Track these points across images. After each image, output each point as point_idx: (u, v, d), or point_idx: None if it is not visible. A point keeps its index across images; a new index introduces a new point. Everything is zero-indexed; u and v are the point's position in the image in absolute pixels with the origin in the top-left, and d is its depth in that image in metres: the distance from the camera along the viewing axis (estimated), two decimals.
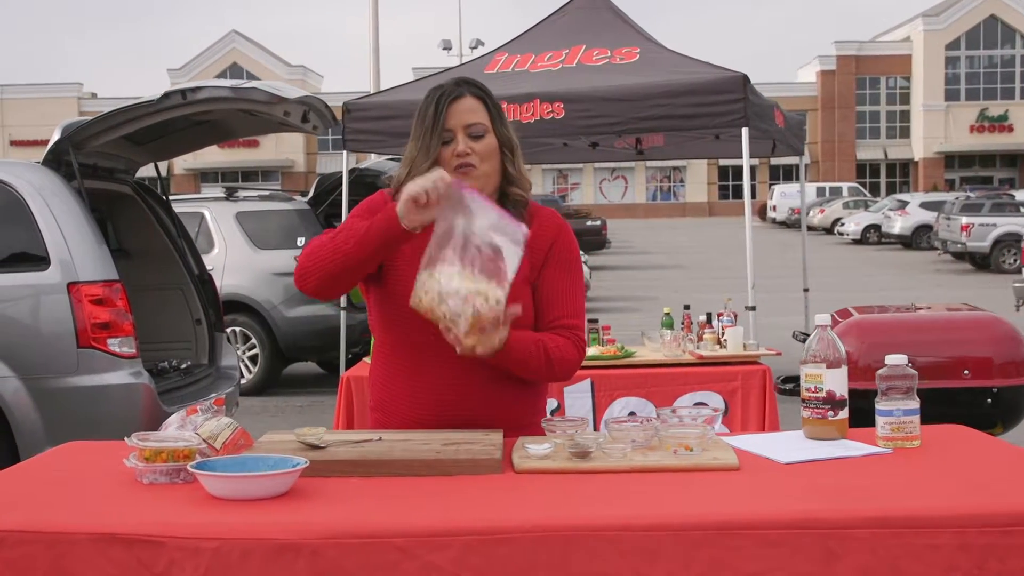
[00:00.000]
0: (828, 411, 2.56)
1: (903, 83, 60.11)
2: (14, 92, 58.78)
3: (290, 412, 9.76)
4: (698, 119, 8.13)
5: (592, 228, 30.64)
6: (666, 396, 5.55)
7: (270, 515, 2.00)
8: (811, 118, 59.60)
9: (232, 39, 60.04)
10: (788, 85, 61.57)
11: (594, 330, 6.16)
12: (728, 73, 8.11)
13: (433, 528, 1.94)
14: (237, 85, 6.08)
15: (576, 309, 2.74)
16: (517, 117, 8.23)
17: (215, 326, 7.32)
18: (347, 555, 1.90)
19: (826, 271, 24.17)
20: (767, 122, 8.70)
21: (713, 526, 1.93)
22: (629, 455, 2.36)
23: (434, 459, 2.32)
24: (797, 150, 10.63)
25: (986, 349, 3.36)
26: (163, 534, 1.92)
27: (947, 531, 1.92)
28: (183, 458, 2.26)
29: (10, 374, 5.74)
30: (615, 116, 8.14)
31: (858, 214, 38.65)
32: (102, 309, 5.80)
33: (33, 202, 5.89)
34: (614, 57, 8.89)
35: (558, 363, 2.66)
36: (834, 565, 1.92)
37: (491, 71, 9.09)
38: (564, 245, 2.76)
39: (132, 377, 5.85)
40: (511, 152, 2.71)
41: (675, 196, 62.57)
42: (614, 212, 53.78)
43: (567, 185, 61.02)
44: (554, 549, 1.92)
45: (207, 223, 10.93)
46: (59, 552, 1.93)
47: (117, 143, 6.41)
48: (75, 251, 5.81)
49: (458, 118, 2.65)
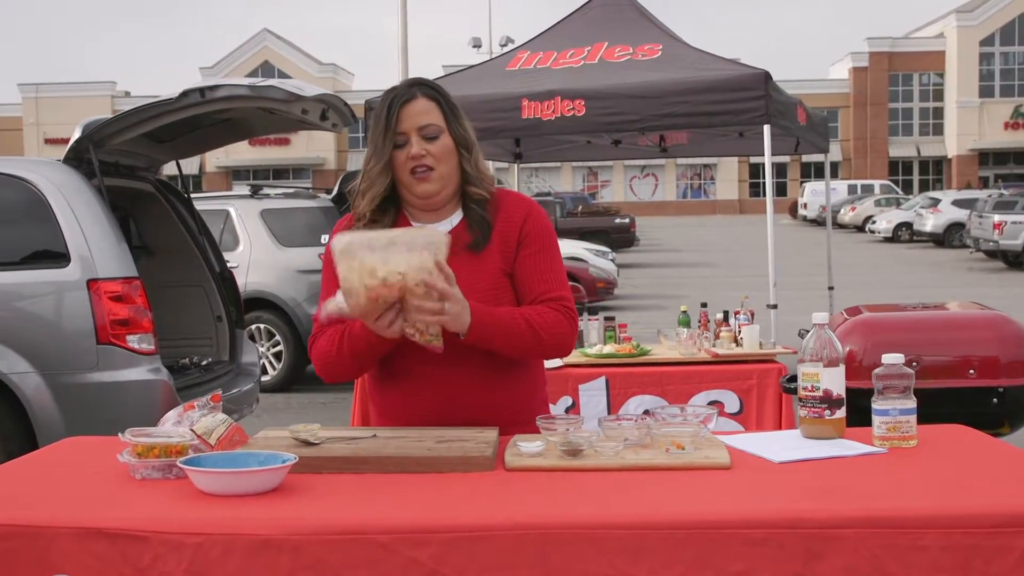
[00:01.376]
0: (825, 410, 2.54)
1: (936, 80, 59.59)
2: (49, 91, 59.43)
3: (313, 409, 9.81)
4: (720, 116, 8.08)
5: (620, 226, 30.58)
6: (681, 394, 5.54)
7: (255, 511, 2.02)
8: (843, 115, 59.24)
9: (264, 37, 60.37)
10: (820, 82, 61.22)
11: (611, 328, 6.16)
12: (750, 70, 8.07)
13: (414, 525, 1.94)
14: (255, 83, 6.11)
15: (558, 282, 2.69)
16: (538, 114, 8.23)
17: (236, 323, 7.36)
18: (329, 551, 1.91)
19: (856, 269, 24.02)
20: (789, 119, 8.64)
21: (696, 525, 1.92)
22: (621, 453, 2.36)
23: (425, 456, 2.33)
24: (822, 148, 10.56)
25: (993, 348, 3.32)
26: (147, 529, 1.94)
27: (932, 531, 1.90)
28: (175, 454, 2.28)
29: (31, 370, 5.80)
30: (636, 113, 8.11)
31: (889, 212, 38.36)
32: (121, 306, 5.85)
33: (54, 200, 5.94)
34: (636, 54, 8.86)
35: (546, 332, 2.60)
36: (817, 565, 1.90)
37: (512, 68, 9.09)
38: (534, 225, 2.72)
39: (151, 373, 5.89)
40: (468, 151, 2.68)
41: (706, 193, 62.34)
42: (644, 210, 53.68)
43: (597, 183, 60.93)
44: (535, 547, 1.92)
45: (232, 221, 11.01)
46: (43, 546, 1.95)
47: (139, 141, 6.46)
48: (95, 248, 5.86)
49: (411, 120, 2.62)
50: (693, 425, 2.45)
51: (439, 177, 2.64)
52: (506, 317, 2.57)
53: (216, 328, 7.35)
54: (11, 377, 5.79)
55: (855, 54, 59.94)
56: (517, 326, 2.57)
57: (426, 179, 2.63)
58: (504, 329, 2.55)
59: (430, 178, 2.63)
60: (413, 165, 2.62)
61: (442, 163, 2.64)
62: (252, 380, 7.19)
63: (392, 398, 2.74)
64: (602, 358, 5.73)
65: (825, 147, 10.71)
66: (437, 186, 2.64)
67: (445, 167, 2.65)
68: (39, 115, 58.20)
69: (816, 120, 10.13)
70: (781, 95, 8.34)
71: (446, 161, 2.65)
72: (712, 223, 50.15)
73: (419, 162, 2.62)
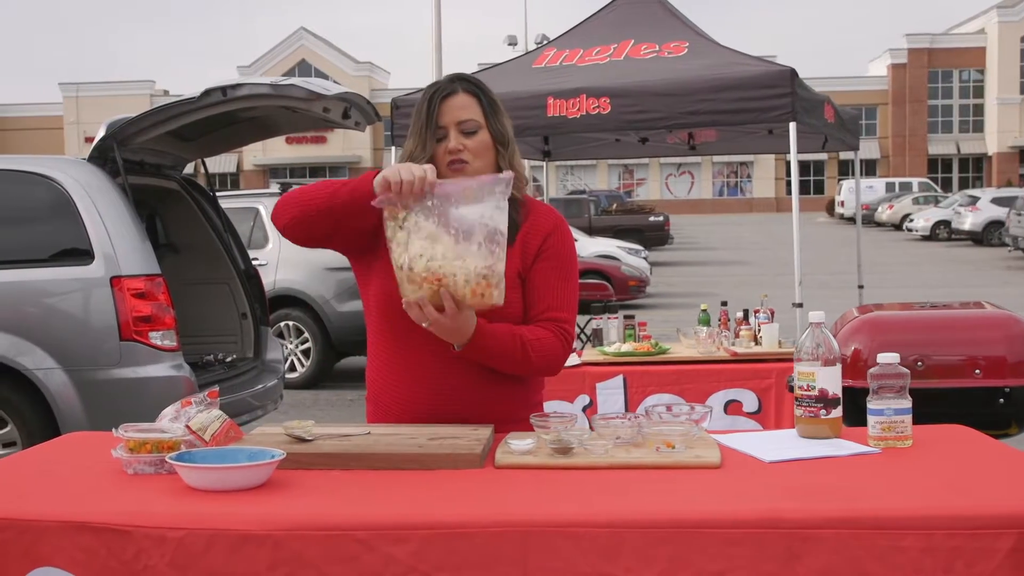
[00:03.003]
0: (820, 409, 2.53)
1: (977, 76, 58.93)
2: (89, 90, 60.07)
3: (340, 405, 9.86)
4: (745, 114, 8.04)
5: (654, 224, 30.51)
6: (699, 393, 5.51)
7: (238, 506, 2.04)
8: (882, 112, 58.75)
9: (301, 36, 60.72)
10: (859, 79, 60.73)
11: (630, 326, 6.14)
12: (775, 67, 8.04)
13: (394, 521, 1.96)
14: (276, 82, 6.15)
15: (564, 302, 2.71)
16: (563, 112, 8.23)
17: (261, 320, 7.42)
18: (308, 547, 1.93)
19: (892, 268, 23.83)
20: (816, 117, 8.58)
21: (673, 524, 1.92)
22: (611, 452, 2.36)
23: (414, 453, 2.34)
24: (851, 145, 10.47)
25: (1000, 348, 3.28)
26: (130, 523, 1.97)
27: (913, 532, 1.89)
28: (167, 449, 2.31)
29: (55, 366, 5.88)
30: (661, 111, 8.09)
31: (927, 210, 37.98)
32: (144, 303, 5.91)
33: (79, 198, 6.02)
34: (662, 51, 8.84)
35: (537, 355, 2.62)
36: (796, 565, 1.89)
37: (539, 65, 9.09)
38: (558, 240, 2.74)
39: (173, 370, 5.95)
40: (504, 147, 2.70)
41: (742, 191, 62.01)
42: (680, 208, 53.50)
43: (632, 180, 60.77)
44: (513, 545, 1.93)
45: (262, 218, 11.09)
46: (32, 539, 1.99)
47: (164, 140, 6.52)
48: (118, 246, 5.93)
49: (451, 115, 2.66)
50: (684, 424, 2.45)
51: (473, 172, 2.65)
52: (503, 338, 2.59)
53: (241, 325, 7.41)
54: (36, 373, 5.88)
55: (894, 51, 59.40)
56: (512, 348, 2.60)
57: (461, 172, 2.65)
58: (499, 350, 2.59)
59: (465, 172, 2.65)
60: (450, 159, 2.65)
61: (478, 158, 2.66)
62: (276, 377, 7.24)
63: (391, 395, 2.75)
64: (620, 356, 5.72)
65: (855, 144, 10.62)
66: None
67: (481, 162, 2.67)
68: (79, 114, 58.82)
69: (845, 117, 10.05)
70: (808, 92, 8.29)
71: (482, 156, 2.68)
72: (748, 221, 49.89)
73: (456, 156, 2.65)
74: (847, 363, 3.22)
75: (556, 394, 5.49)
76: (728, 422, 5.46)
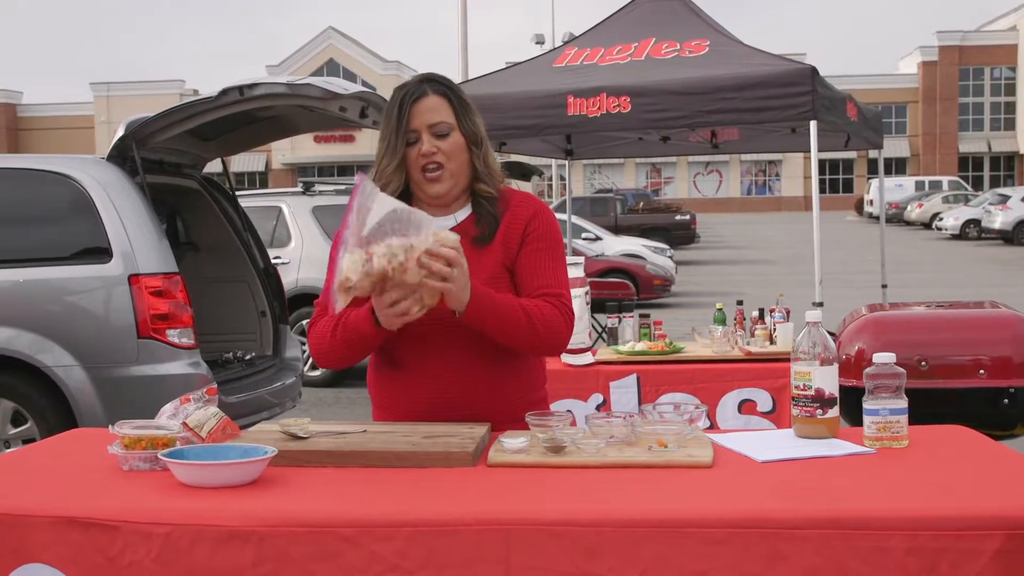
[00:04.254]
0: (817, 409, 2.52)
1: (1008, 73, 58.36)
2: (119, 90, 60.57)
3: (361, 403, 9.89)
4: (765, 112, 8.01)
5: (681, 223, 30.41)
6: (712, 392, 5.49)
7: (225, 503, 2.05)
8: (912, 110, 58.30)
9: (329, 35, 60.92)
10: (889, 77, 60.31)
11: (645, 325, 6.13)
12: (796, 65, 8.00)
13: (379, 519, 1.97)
14: (292, 81, 6.18)
15: (558, 280, 2.71)
16: (583, 111, 8.22)
17: (280, 318, 7.46)
18: (293, 543, 1.94)
19: (921, 267, 23.65)
20: (838, 115, 8.54)
21: (656, 523, 1.92)
22: (603, 451, 2.36)
23: (407, 451, 2.35)
24: (875, 143, 10.41)
25: (1005, 348, 3.25)
26: (117, 519, 1.99)
27: (897, 533, 1.88)
28: (162, 446, 2.33)
29: (74, 363, 5.93)
30: (680, 110, 8.07)
31: (957, 208, 37.65)
32: (161, 301, 5.96)
33: (97, 197, 6.07)
34: (683, 50, 8.81)
35: (542, 325, 2.59)
36: (781, 565, 1.89)
37: (560, 65, 9.09)
38: (542, 224, 2.73)
39: (190, 367, 5.99)
40: (478, 147, 2.69)
41: (770, 190, 61.70)
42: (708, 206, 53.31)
43: (660, 179, 60.60)
44: (496, 543, 1.93)
45: (284, 217, 11.15)
46: (21, 535, 2.01)
47: (183, 139, 6.57)
48: (136, 244, 5.98)
49: (422, 118, 2.64)
50: (677, 423, 2.44)
51: (450, 175, 2.66)
52: (504, 302, 2.58)
53: (260, 323, 7.45)
54: (56, 370, 5.94)
55: (924, 48, 58.95)
56: (514, 313, 2.58)
57: (437, 180, 2.65)
58: (501, 313, 2.55)
59: (441, 178, 2.65)
60: (424, 163, 2.64)
61: (453, 160, 2.66)
62: (294, 375, 7.28)
63: (390, 393, 2.76)
64: (634, 355, 5.70)
65: (879, 143, 10.56)
66: (448, 185, 2.66)
67: (455, 164, 2.66)
68: (110, 113, 59.26)
69: (868, 115, 9.99)
70: (829, 90, 8.25)
71: (456, 158, 2.67)
72: (776, 220, 49.62)
73: (430, 159, 2.64)
74: (851, 362, 3.21)
75: (569, 393, 5.49)
76: (742, 421, 5.43)
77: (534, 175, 13.63)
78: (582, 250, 18.85)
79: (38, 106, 65.24)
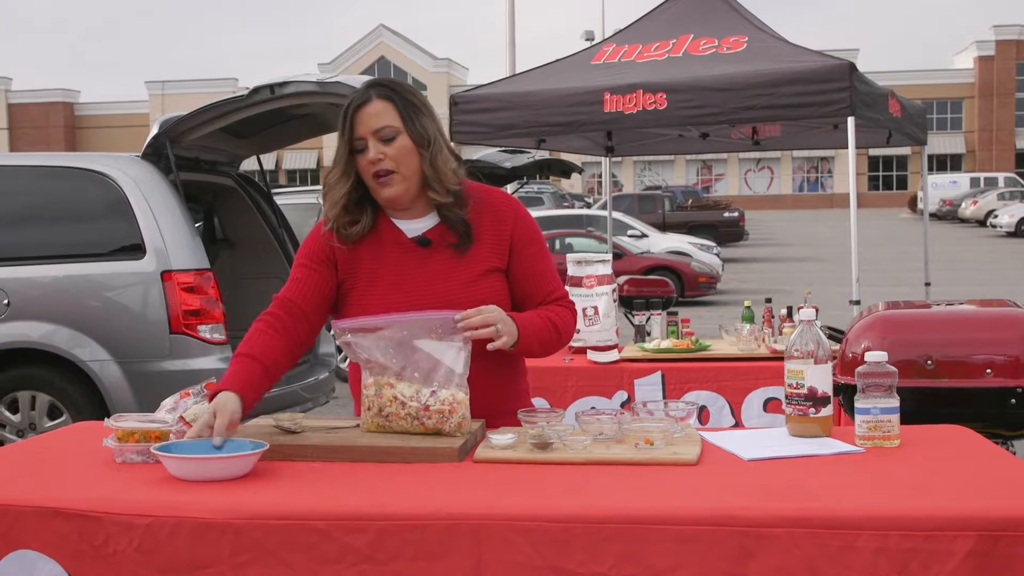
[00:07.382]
0: (809, 408, 2.52)
1: None
2: (174, 88, 61.42)
3: None
4: (802, 108, 7.95)
5: (729, 220, 30.21)
6: (738, 390, 5.47)
7: (206, 495, 2.10)
8: (968, 106, 57.45)
9: (380, 33, 61.24)
10: (944, 72, 59.50)
11: (673, 323, 6.11)
12: (834, 61, 7.92)
13: (353, 512, 2.00)
14: (323, 79, 6.24)
15: (557, 281, 2.83)
16: (620, 108, 8.20)
17: None
18: (268, 535, 1.98)
19: (973, 264, 23.31)
20: (878, 111, 8.45)
21: (624, 520, 1.93)
22: (589, 447, 2.37)
23: (394, 446, 2.38)
24: (918, 139, 10.28)
25: (1013, 348, 3.20)
26: (100, 510, 2.04)
27: (866, 533, 1.87)
28: (155, 439, 2.38)
29: (109, 358, 6.04)
30: (717, 106, 8.03)
31: (1013, 205, 37.00)
32: (193, 297, 6.04)
33: (131, 194, 6.17)
34: (720, 47, 8.77)
35: (565, 332, 2.78)
36: (748, 563, 1.89)
37: (597, 62, 9.08)
38: (524, 228, 2.77)
39: (221, 363, 6.06)
40: (426, 149, 2.63)
41: (823, 187, 61.08)
42: (759, 203, 52.92)
43: (711, 176, 60.25)
44: (466, 537, 1.95)
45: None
46: (10, 523, 2.07)
47: (218, 137, 6.65)
48: (169, 241, 6.07)
49: (366, 124, 2.60)
50: (664, 420, 2.45)
51: (401, 179, 2.63)
52: (539, 324, 2.69)
53: None
54: (91, 365, 6.04)
55: (981, 43, 58.05)
56: (548, 332, 2.72)
57: (388, 183, 2.63)
58: (542, 337, 2.70)
59: (391, 182, 2.63)
60: (373, 169, 2.62)
61: (402, 164, 2.62)
62: (328, 370, 7.34)
63: None
64: (659, 353, 5.69)
65: (922, 139, 10.43)
66: (400, 188, 2.64)
67: (406, 167, 2.63)
68: (164, 111, 59.94)
69: (912, 111, 9.87)
70: (868, 86, 8.17)
71: (405, 161, 2.63)
72: (828, 217, 49.07)
73: (378, 166, 2.61)
74: (857, 360, 3.19)
75: (594, 389, 5.49)
76: (768, 420, 5.39)
77: (574, 172, 13.63)
78: (627, 247, 18.80)
79: (95, 104, 66.31)
